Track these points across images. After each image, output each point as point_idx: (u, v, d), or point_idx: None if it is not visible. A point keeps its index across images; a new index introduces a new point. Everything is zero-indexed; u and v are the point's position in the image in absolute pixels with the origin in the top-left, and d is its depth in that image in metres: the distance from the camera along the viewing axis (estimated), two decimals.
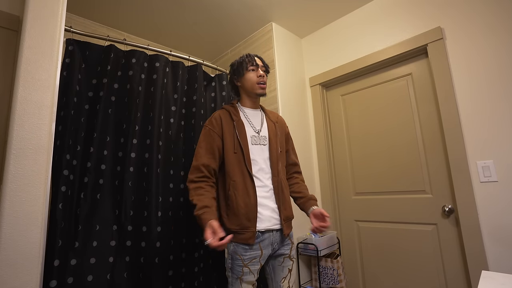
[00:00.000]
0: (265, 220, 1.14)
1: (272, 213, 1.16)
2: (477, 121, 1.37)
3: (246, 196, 1.13)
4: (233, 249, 1.13)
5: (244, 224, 1.11)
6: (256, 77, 1.24)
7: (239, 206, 1.12)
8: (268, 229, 1.14)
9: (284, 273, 1.20)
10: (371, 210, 1.78)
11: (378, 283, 1.71)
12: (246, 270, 1.10)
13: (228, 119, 1.23)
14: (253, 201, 1.13)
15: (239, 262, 1.10)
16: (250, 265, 1.10)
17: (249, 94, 1.28)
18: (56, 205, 1.08)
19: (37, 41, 0.95)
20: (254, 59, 1.26)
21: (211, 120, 1.24)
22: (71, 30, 1.27)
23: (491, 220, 1.30)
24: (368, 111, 1.86)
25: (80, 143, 1.22)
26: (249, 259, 1.11)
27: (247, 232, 1.11)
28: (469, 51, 1.43)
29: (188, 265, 1.36)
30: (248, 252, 1.11)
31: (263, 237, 1.13)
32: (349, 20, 1.96)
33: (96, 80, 1.31)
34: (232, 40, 2.24)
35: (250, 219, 1.11)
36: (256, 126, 1.26)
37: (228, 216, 1.14)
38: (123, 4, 1.77)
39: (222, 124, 1.21)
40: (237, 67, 1.28)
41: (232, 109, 1.27)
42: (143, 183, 1.29)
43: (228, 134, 1.20)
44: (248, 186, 1.14)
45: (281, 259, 1.20)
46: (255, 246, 1.12)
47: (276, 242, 1.17)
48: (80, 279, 1.08)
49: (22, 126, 0.88)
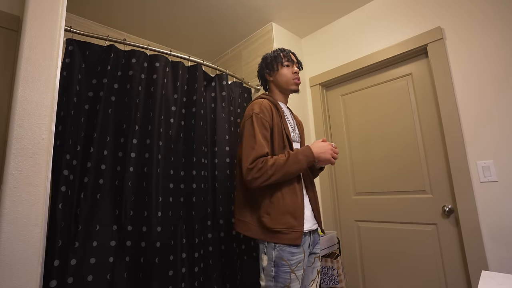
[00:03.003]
0: (307, 221, 1.08)
1: (311, 213, 1.12)
2: (477, 121, 1.37)
3: (293, 194, 1.06)
4: (277, 254, 1.01)
5: (291, 223, 1.02)
6: (292, 73, 1.20)
7: (286, 204, 1.03)
8: (310, 229, 1.09)
9: (313, 275, 1.13)
10: (371, 210, 1.78)
11: (378, 283, 1.71)
12: (293, 277, 1.00)
13: (275, 111, 1.15)
14: (300, 200, 1.06)
15: (286, 268, 1.00)
16: (296, 271, 1.01)
17: (282, 90, 1.24)
18: (56, 205, 1.08)
19: (37, 41, 0.95)
20: (289, 54, 1.22)
21: (261, 108, 1.11)
22: (71, 30, 1.27)
23: (491, 220, 1.30)
24: (368, 111, 1.86)
25: (80, 143, 1.22)
26: (295, 263, 1.01)
27: (293, 232, 1.01)
28: (469, 51, 1.43)
29: (188, 265, 1.36)
30: (295, 256, 1.01)
31: (305, 239, 1.07)
32: (349, 20, 1.96)
33: (96, 80, 1.31)
34: (232, 40, 2.24)
35: (297, 218, 1.03)
36: (291, 122, 1.23)
37: (271, 215, 1.03)
38: (124, 4, 1.77)
39: (273, 115, 1.13)
40: (271, 61, 1.23)
41: (274, 101, 1.19)
42: (143, 183, 1.29)
43: (276, 127, 1.12)
44: (295, 183, 1.08)
45: (312, 260, 1.14)
46: (300, 248, 1.03)
47: (311, 243, 1.12)
48: (80, 279, 1.08)
49: (22, 126, 0.88)
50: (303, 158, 1.03)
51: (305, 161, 1.03)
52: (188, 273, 1.35)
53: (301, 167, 1.03)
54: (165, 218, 1.31)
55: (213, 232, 1.48)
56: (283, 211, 1.03)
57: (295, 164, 1.02)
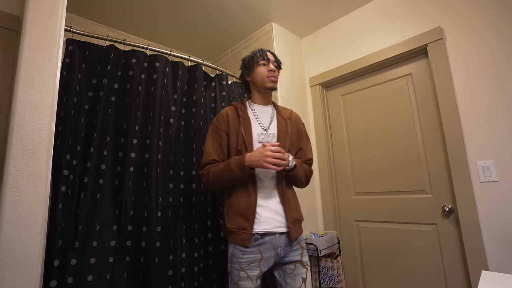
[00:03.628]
0: (265, 222, 1.08)
1: (274, 215, 1.10)
2: (477, 121, 1.37)
3: (246, 195, 1.10)
4: (231, 251, 1.09)
5: (242, 224, 1.07)
6: (267, 71, 1.21)
7: (239, 205, 1.09)
8: (268, 231, 1.08)
9: (297, 283, 1.09)
10: (371, 210, 1.78)
11: (378, 283, 1.71)
12: (243, 275, 1.04)
13: (234, 116, 1.20)
14: (253, 202, 1.09)
15: (236, 265, 1.06)
16: (247, 270, 1.04)
17: (259, 89, 1.25)
18: (56, 205, 1.08)
19: (37, 41, 0.95)
20: (265, 53, 1.24)
21: (218, 117, 1.22)
22: (71, 30, 1.27)
23: (491, 220, 1.30)
24: (368, 111, 1.86)
25: (80, 143, 1.22)
26: (246, 262, 1.05)
27: (243, 233, 1.06)
28: (469, 51, 1.43)
29: (188, 265, 1.36)
30: (245, 255, 1.06)
31: (263, 240, 1.07)
32: (349, 20, 1.96)
33: (96, 80, 1.31)
34: (232, 40, 2.24)
35: (248, 220, 1.07)
36: (264, 123, 1.22)
37: (229, 215, 1.11)
38: (123, 4, 1.77)
39: (229, 121, 1.19)
40: (248, 61, 1.25)
41: (240, 106, 1.24)
42: (143, 183, 1.29)
43: (234, 131, 1.17)
44: (248, 185, 1.11)
45: (292, 266, 1.11)
46: (252, 249, 1.06)
47: (280, 246, 1.10)
48: (80, 279, 1.08)
49: (22, 126, 0.88)
50: (235, 167, 1.06)
51: (238, 170, 1.06)
52: (187, 273, 1.35)
53: (234, 175, 1.07)
54: (165, 218, 1.31)
55: (212, 232, 1.48)
56: (236, 212, 1.09)
57: (228, 173, 1.07)
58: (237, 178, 1.07)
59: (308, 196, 1.95)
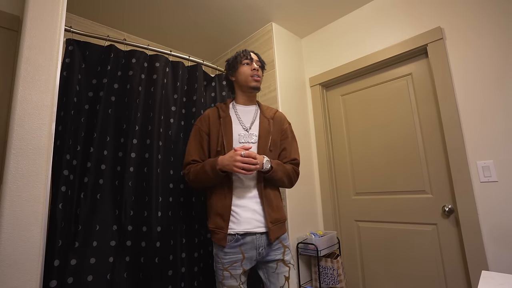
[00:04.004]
0: (244, 222, 1.09)
1: (254, 215, 1.11)
2: (477, 121, 1.37)
3: (223, 197, 1.12)
4: (215, 251, 1.13)
5: (219, 223, 1.10)
6: (250, 70, 1.23)
7: (217, 206, 1.12)
8: (249, 231, 1.09)
9: (280, 281, 1.10)
10: (371, 210, 1.78)
11: (378, 283, 1.71)
12: (227, 274, 1.07)
13: (215, 117, 1.23)
14: (228, 202, 1.10)
15: (219, 265, 1.09)
16: (230, 269, 1.07)
17: (243, 89, 1.26)
18: (56, 205, 1.08)
19: (37, 41, 0.95)
20: (249, 53, 1.26)
21: (200, 117, 1.26)
22: (71, 30, 1.27)
23: (491, 220, 1.30)
24: (368, 111, 1.86)
25: (80, 143, 1.22)
26: (228, 262, 1.07)
27: (220, 232, 1.09)
28: (469, 50, 1.43)
29: (188, 265, 1.36)
30: (227, 255, 1.08)
31: (244, 240, 1.09)
32: (349, 20, 1.96)
33: (96, 80, 1.31)
34: (232, 40, 2.24)
35: (225, 220, 1.09)
36: (246, 124, 1.22)
37: (209, 215, 1.16)
38: (123, 4, 1.77)
39: (210, 122, 1.22)
40: (232, 61, 1.28)
41: (222, 106, 1.27)
42: (143, 183, 1.29)
43: (214, 132, 1.20)
44: (224, 186, 1.12)
45: (274, 265, 1.12)
46: (234, 249, 1.08)
47: (262, 246, 1.10)
48: (80, 279, 1.08)
49: (22, 126, 0.88)
50: (209, 169, 1.10)
51: (211, 171, 1.09)
52: (187, 273, 1.35)
53: (208, 176, 1.10)
54: (165, 218, 1.31)
55: None
56: (215, 213, 1.13)
57: (203, 174, 1.11)
58: (211, 179, 1.11)
59: (308, 196, 1.95)
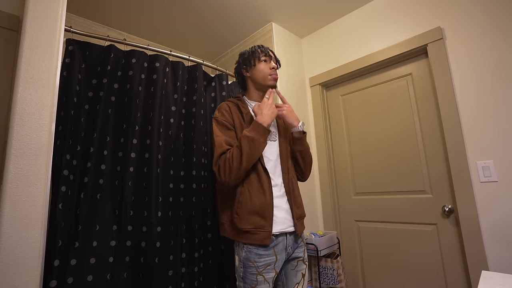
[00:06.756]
0: (280, 223, 1.05)
1: (286, 215, 1.08)
2: (477, 121, 1.37)
3: (262, 193, 1.03)
4: (245, 255, 1.01)
5: (259, 223, 1.01)
6: (269, 69, 1.18)
7: (254, 203, 1.02)
8: (282, 232, 1.06)
9: (297, 278, 1.10)
10: (371, 210, 1.78)
11: (378, 283, 1.71)
12: (261, 279, 0.98)
13: (236, 111, 1.16)
14: (269, 200, 1.04)
15: (252, 270, 0.99)
16: (264, 273, 0.99)
17: (259, 87, 1.21)
18: (56, 205, 1.08)
19: (37, 41, 0.95)
20: (267, 50, 1.20)
21: (221, 111, 1.14)
22: (71, 30, 1.27)
23: (491, 220, 1.30)
24: (368, 111, 1.86)
25: (80, 143, 1.22)
26: (263, 265, 1.00)
27: (262, 231, 1.00)
28: (469, 51, 1.43)
29: (188, 265, 1.36)
30: (262, 258, 1.00)
31: (277, 241, 1.05)
32: (349, 20, 1.96)
33: (96, 80, 1.31)
34: (232, 40, 2.24)
35: (266, 218, 1.01)
36: None
37: (239, 215, 1.02)
38: (123, 4, 1.77)
39: (232, 115, 1.13)
40: (248, 56, 1.20)
41: (240, 102, 1.20)
42: (143, 183, 1.29)
43: (239, 127, 1.12)
44: (263, 183, 1.05)
45: (295, 263, 1.11)
46: (269, 251, 1.02)
47: (290, 245, 1.08)
48: (80, 279, 1.08)
49: (22, 126, 0.88)
50: (255, 135, 1.01)
51: (260, 135, 1.02)
52: (188, 273, 1.35)
53: (258, 143, 1.01)
54: (165, 218, 1.31)
55: (212, 232, 1.48)
56: (251, 211, 1.02)
57: (251, 143, 1.00)
58: (261, 144, 1.02)
59: (308, 196, 1.95)
